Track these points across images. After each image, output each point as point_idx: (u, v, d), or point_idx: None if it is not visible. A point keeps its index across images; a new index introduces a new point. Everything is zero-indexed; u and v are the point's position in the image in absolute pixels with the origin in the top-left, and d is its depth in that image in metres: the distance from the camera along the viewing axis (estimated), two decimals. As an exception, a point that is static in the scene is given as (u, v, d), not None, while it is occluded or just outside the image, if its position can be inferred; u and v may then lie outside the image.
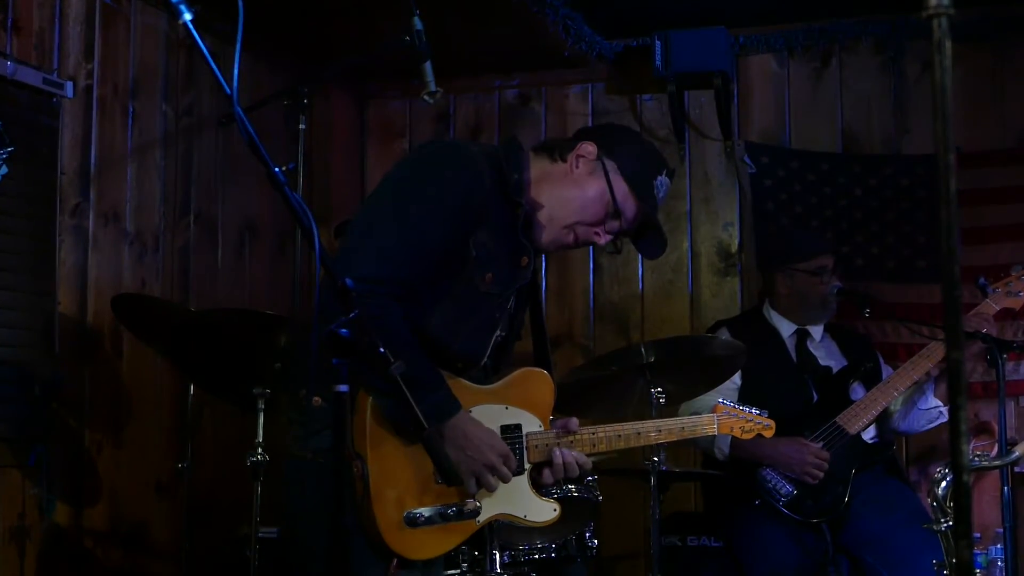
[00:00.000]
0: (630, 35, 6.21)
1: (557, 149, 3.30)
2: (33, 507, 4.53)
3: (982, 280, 4.85)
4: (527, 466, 3.24)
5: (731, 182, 6.28)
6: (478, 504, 3.12)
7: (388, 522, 2.99)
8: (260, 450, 4.40)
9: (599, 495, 4.61)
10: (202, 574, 4.98)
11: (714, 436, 4.92)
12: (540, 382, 3.32)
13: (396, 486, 3.01)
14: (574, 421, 3.33)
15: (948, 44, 1.60)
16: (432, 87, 4.20)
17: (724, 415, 3.76)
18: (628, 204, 3.26)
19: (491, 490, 3.12)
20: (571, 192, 3.24)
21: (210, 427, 5.30)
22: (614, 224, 3.27)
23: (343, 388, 2.47)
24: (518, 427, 3.24)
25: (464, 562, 4.28)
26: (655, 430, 3.57)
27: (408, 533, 3.02)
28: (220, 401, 5.09)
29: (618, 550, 5.81)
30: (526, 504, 3.25)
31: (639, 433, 3.51)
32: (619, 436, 3.44)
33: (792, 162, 6.17)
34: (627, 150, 3.30)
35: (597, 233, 3.27)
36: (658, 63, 5.99)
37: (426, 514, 3.03)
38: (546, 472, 3.28)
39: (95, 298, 4.86)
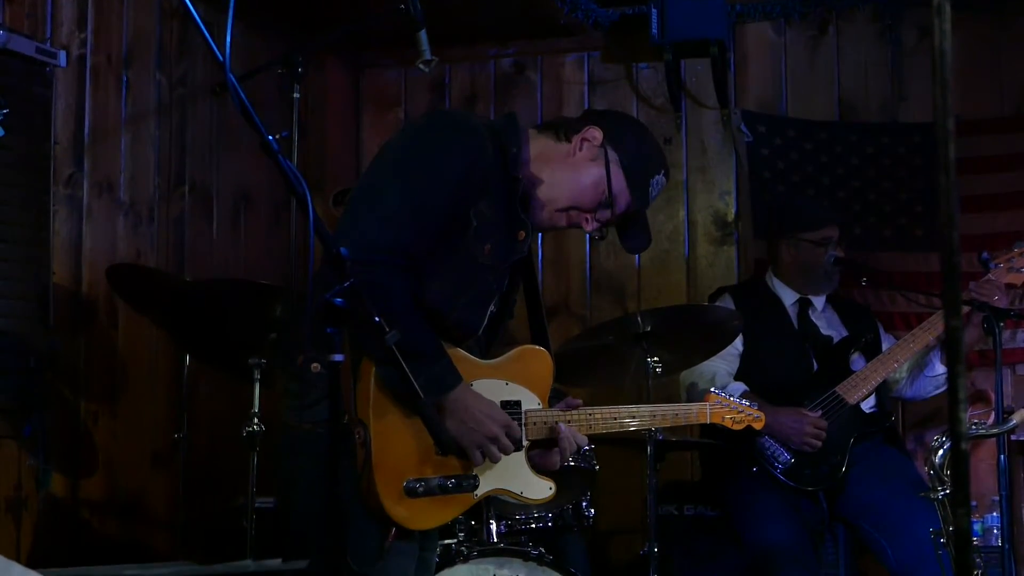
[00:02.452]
0: (626, 3, 6.17)
1: (563, 128, 3.30)
2: (29, 478, 4.53)
3: (985, 255, 4.82)
4: (525, 443, 3.23)
5: (728, 151, 6.26)
6: (477, 477, 3.12)
7: (388, 491, 2.99)
8: (256, 420, 4.40)
9: (596, 464, 4.62)
10: (198, 544, 4.99)
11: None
12: (540, 360, 3.32)
13: (397, 455, 3.00)
14: (575, 400, 3.34)
15: (948, 8, 1.58)
16: (427, 56, 4.18)
17: (716, 404, 3.80)
18: (622, 197, 3.25)
19: (494, 461, 3.12)
20: (569, 175, 3.23)
21: (206, 397, 5.30)
22: (605, 213, 3.27)
23: (338, 357, 2.46)
24: (518, 403, 3.23)
25: (461, 532, 4.29)
26: (650, 415, 3.62)
27: (407, 503, 3.01)
28: (216, 371, 5.09)
29: (615, 519, 5.81)
30: (523, 481, 3.24)
31: (634, 416, 3.53)
32: (615, 418, 3.45)
33: (789, 131, 6.15)
34: (631, 143, 3.29)
35: (587, 219, 3.26)
36: (654, 31, 5.96)
37: (425, 484, 3.03)
38: (555, 456, 3.28)
39: (90, 269, 4.85)
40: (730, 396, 3.83)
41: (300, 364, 3.03)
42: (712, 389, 3.85)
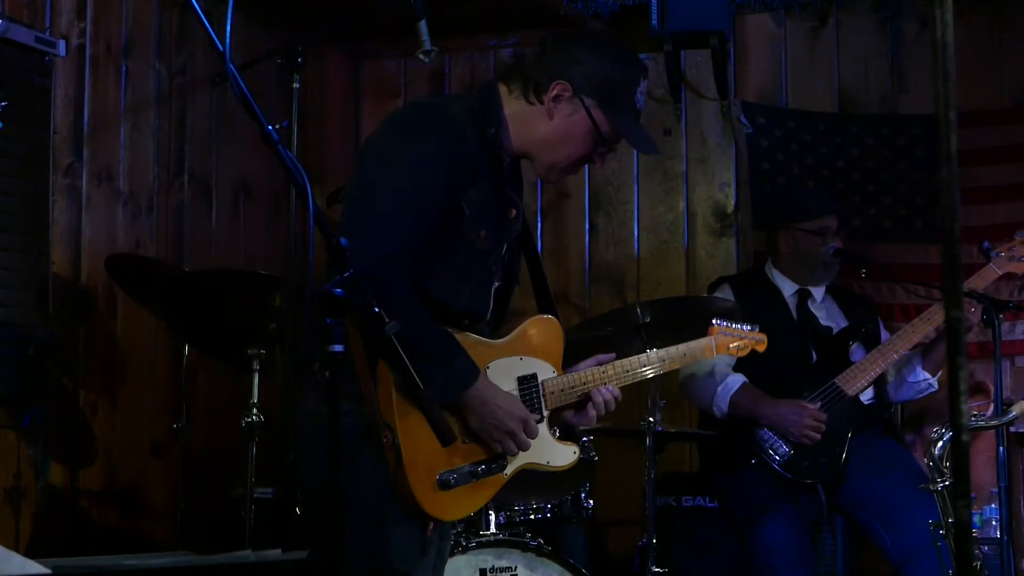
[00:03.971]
0: (626, -6, 6.18)
1: (531, 87, 3.21)
2: (28, 468, 4.53)
3: (986, 244, 4.83)
4: (545, 413, 3.26)
5: (728, 142, 6.26)
6: (505, 456, 3.16)
7: (422, 488, 3.01)
8: (255, 410, 4.40)
9: (595, 455, 4.62)
10: (197, 534, 4.99)
11: (715, 392, 4.95)
12: (549, 328, 3.33)
13: (427, 451, 3.01)
14: (607, 356, 3.37)
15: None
16: (427, 46, 4.17)
17: (720, 335, 3.78)
18: (613, 132, 3.22)
19: (512, 455, 3.15)
20: (559, 137, 3.21)
21: (205, 387, 5.30)
22: (604, 148, 3.26)
23: (337, 348, 2.46)
24: (534, 376, 3.26)
25: (459, 522, 4.29)
26: (660, 360, 3.57)
27: (442, 496, 3.05)
28: (215, 361, 5.09)
29: (613, 510, 5.82)
30: (548, 451, 3.27)
31: (646, 365, 3.51)
32: (627, 371, 3.44)
33: (789, 122, 6.14)
34: (601, 79, 3.19)
35: (592, 159, 3.27)
36: (654, 22, 5.94)
37: (457, 475, 3.07)
38: (589, 413, 3.32)
39: (89, 258, 4.84)
40: (732, 324, 3.81)
41: (316, 372, 3.02)
42: (714, 321, 3.82)
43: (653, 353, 3.58)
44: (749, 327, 3.84)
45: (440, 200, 3.05)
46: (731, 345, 3.80)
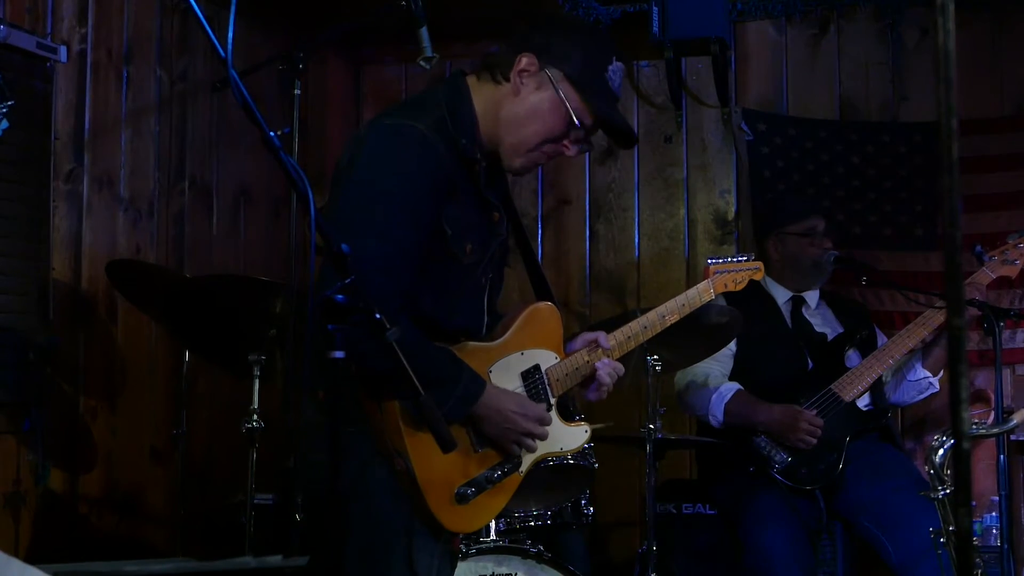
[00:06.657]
0: (627, 1, 6.17)
1: (498, 67, 3.14)
2: (28, 473, 4.53)
3: (978, 248, 4.84)
4: (552, 402, 3.25)
5: (728, 149, 6.26)
6: (519, 456, 3.15)
7: (442, 508, 3.02)
8: (255, 416, 4.40)
9: (595, 462, 4.61)
10: (197, 540, 4.99)
11: (709, 400, 4.94)
12: (546, 315, 3.30)
13: (441, 470, 3.00)
14: (602, 335, 3.34)
15: (951, 7, 1.58)
16: (428, 52, 4.17)
17: (717, 274, 3.68)
18: (583, 110, 3.11)
19: (532, 451, 3.16)
20: (524, 114, 3.10)
21: (205, 393, 5.29)
22: (578, 133, 3.14)
23: (338, 354, 2.46)
24: (536, 368, 3.24)
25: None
26: (660, 318, 3.51)
27: (462, 510, 3.05)
28: (215, 367, 5.08)
29: (613, 517, 5.82)
30: (559, 438, 3.26)
31: (647, 327, 3.48)
32: (629, 338, 3.42)
33: (789, 129, 6.14)
34: (567, 49, 3.11)
35: (565, 147, 3.16)
36: (655, 29, 5.95)
37: (474, 487, 3.07)
38: (600, 389, 3.30)
39: (89, 264, 4.84)
40: (726, 259, 3.74)
41: (321, 398, 2.99)
42: (709, 261, 3.75)
43: (652, 313, 3.51)
44: (744, 257, 3.76)
45: (425, 230, 2.99)
46: (728, 283, 3.71)
